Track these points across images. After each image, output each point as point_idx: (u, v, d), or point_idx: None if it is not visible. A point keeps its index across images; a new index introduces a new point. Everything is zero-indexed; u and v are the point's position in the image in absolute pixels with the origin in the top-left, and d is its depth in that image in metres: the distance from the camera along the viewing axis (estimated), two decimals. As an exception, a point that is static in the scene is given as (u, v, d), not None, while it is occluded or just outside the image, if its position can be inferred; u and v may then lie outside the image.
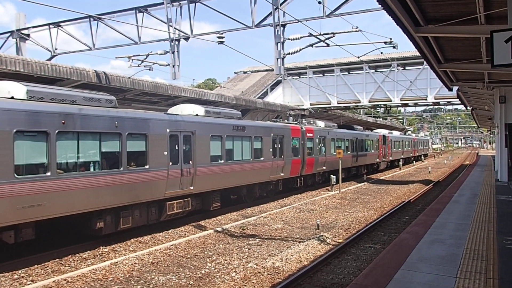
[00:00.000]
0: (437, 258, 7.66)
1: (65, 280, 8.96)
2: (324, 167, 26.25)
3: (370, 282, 6.45)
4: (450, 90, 24.12)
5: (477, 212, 12.51)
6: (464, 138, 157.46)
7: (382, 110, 67.05)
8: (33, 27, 23.42)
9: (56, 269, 10.04)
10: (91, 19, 20.29)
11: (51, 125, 10.28)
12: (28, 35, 23.16)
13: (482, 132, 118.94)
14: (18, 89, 10.44)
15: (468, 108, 37.10)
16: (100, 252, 11.43)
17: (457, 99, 31.06)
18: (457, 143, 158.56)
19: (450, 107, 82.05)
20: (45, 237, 11.39)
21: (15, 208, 9.40)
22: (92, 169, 11.36)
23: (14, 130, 9.51)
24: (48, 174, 10.16)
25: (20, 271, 9.68)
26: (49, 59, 21.84)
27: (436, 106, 56.91)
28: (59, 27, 22.01)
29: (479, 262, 7.42)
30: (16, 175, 9.48)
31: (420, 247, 8.50)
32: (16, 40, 22.99)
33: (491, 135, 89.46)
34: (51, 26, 22.19)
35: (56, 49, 22.56)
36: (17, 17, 23.44)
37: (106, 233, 11.99)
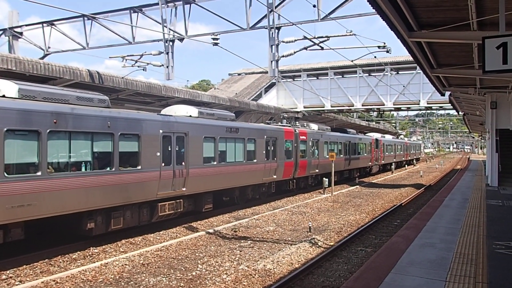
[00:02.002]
0: (427, 262, 7.70)
1: (54, 281, 8.89)
2: (317, 170, 26.30)
3: (360, 285, 6.47)
4: (443, 95, 24.28)
5: (467, 216, 12.60)
6: (455, 142, 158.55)
7: (375, 114, 67.36)
8: (26, 25, 23.28)
9: (45, 269, 9.96)
10: (85, 18, 20.20)
11: (43, 124, 10.20)
12: (21, 33, 23.02)
13: (473, 137, 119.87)
14: (9, 88, 10.34)
15: (460, 113, 37.39)
16: (90, 253, 11.35)
17: (449, 104, 31.30)
18: (449, 148, 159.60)
19: (442, 112, 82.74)
20: (34, 237, 11.29)
21: (4, 208, 9.31)
22: (83, 169, 11.28)
23: (5, 129, 9.42)
24: (39, 173, 10.08)
25: (8, 271, 9.59)
26: (42, 58, 21.70)
27: (428, 111, 57.40)
28: (53, 26, 21.89)
29: (469, 266, 7.47)
30: (6, 174, 9.40)
31: (411, 250, 8.54)
32: (9, 38, 22.83)
33: (482, 140, 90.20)
34: (44, 24, 22.07)
35: (49, 47, 22.43)
36: (10, 15, 23.30)
37: (96, 233, 11.91)
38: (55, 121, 10.46)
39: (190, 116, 16.20)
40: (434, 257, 8.02)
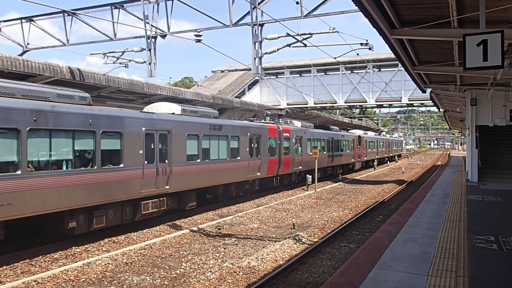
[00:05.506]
0: (409, 257, 7.79)
1: (35, 281, 8.74)
2: (301, 167, 26.40)
3: (344, 281, 6.51)
4: (424, 92, 24.61)
5: (448, 211, 12.79)
6: (436, 139, 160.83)
7: (357, 111, 67.96)
8: (5, 21, 22.74)
9: (26, 270, 9.78)
10: (66, 14, 19.83)
11: (22, 122, 10.00)
12: (-1, 29, 22.46)
13: (453, 134, 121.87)
14: (-13, 85, 10.10)
15: (441, 110, 37.96)
16: (72, 253, 11.19)
17: (430, 101, 31.76)
18: (430, 144, 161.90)
19: (423, 108, 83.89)
20: (14, 237, 11.07)
21: (-17, 207, 9.11)
22: (64, 168, 11.11)
23: (-17, 127, 9.21)
24: (19, 172, 9.88)
25: (-12, 272, 9.39)
26: (21, 54, 21.25)
27: (410, 108, 58.11)
28: (32, 22, 21.44)
29: (450, 260, 7.59)
30: (-16, 173, 9.19)
31: (394, 246, 8.63)
32: (-14, 34, 22.25)
33: (462, 137, 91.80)
34: (23, 20, 21.60)
35: (28, 44, 21.95)
36: (-13, 11, 22.73)
37: (78, 233, 11.75)
38: (35, 118, 10.26)
39: (173, 113, 16.08)
40: (417, 252, 8.13)
